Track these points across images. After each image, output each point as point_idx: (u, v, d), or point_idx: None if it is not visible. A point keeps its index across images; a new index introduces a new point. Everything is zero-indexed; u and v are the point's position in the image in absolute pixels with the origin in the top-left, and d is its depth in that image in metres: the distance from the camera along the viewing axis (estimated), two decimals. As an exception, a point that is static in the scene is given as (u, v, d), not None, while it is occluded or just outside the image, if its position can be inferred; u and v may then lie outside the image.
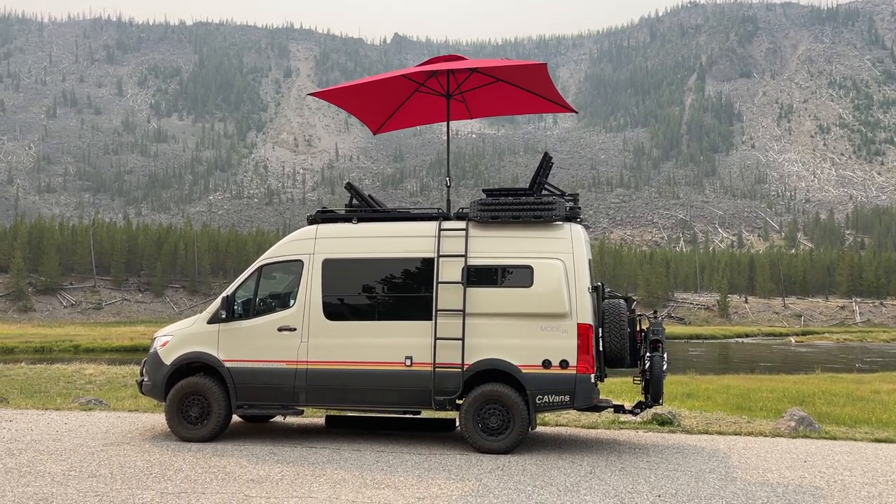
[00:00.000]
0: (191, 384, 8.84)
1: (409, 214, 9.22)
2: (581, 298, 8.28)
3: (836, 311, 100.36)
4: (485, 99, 10.08)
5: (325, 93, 9.72)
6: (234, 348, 8.84)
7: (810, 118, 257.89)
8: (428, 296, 8.51)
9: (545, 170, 8.94)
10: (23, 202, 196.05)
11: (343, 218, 9.16)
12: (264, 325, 8.86)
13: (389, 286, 8.80)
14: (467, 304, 8.34)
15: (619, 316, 8.61)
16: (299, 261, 8.96)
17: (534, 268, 8.34)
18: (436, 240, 8.60)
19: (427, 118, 10.52)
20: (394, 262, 8.74)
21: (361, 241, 8.87)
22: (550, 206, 8.46)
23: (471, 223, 8.65)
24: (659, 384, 8.59)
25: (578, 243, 8.51)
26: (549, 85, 9.09)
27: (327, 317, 8.73)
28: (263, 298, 9.13)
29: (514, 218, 8.49)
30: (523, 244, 8.47)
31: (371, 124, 10.53)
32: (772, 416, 13.23)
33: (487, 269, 8.45)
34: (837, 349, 54.97)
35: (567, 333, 8.20)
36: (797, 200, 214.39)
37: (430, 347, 8.38)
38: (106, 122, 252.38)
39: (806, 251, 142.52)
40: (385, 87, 9.73)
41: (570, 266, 8.35)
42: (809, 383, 21.02)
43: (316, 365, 8.66)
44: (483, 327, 8.32)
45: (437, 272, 8.49)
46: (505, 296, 8.35)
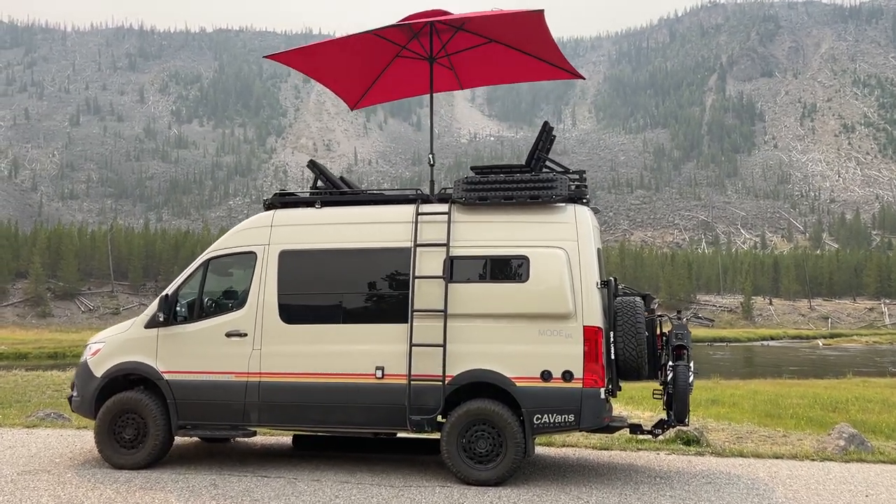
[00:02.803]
0: (124, 400, 7.47)
1: (381, 197, 7.83)
2: (588, 295, 6.86)
3: (865, 313, 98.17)
4: (476, 64, 8.65)
5: (287, 55, 8.26)
6: (174, 357, 7.48)
7: (834, 117, 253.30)
8: (403, 294, 7.15)
9: (545, 142, 7.49)
10: (46, 209, 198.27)
11: (305, 202, 7.77)
12: (210, 329, 7.50)
13: (357, 283, 7.40)
14: (450, 304, 6.96)
15: (635, 317, 7.07)
16: (252, 253, 7.61)
17: (530, 259, 6.96)
18: (413, 226, 7.23)
19: (412, 89, 9.07)
20: (363, 253, 7.37)
21: (325, 228, 7.51)
22: (550, 184, 7.05)
23: (455, 206, 7.27)
24: (684, 400, 7.04)
25: (584, 229, 7.08)
26: (548, 42, 7.64)
27: (284, 320, 7.37)
28: (210, 298, 7.78)
29: (506, 199, 7.10)
30: (518, 230, 7.11)
31: (347, 97, 9.12)
32: (804, 424, 12.39)
33: (474, 261, 7.10)
34: (867, 352, 53.40)
35: (571, 338, 6.79)
36: (821, 200, 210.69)
37: (404, 356, 6.99)
38: (128, 129, 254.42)
39: (832, 252, 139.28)
40: (358, 52, 8.29)
41: (575, 256, 6.94)
42: (841, 388, 20.33)
43: (270, 377, 7.28)
44: (469, 331, 6.95)
45: (415, 265, 7.12)
46: (495, 293, 6.97)
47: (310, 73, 8.54)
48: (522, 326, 6.86)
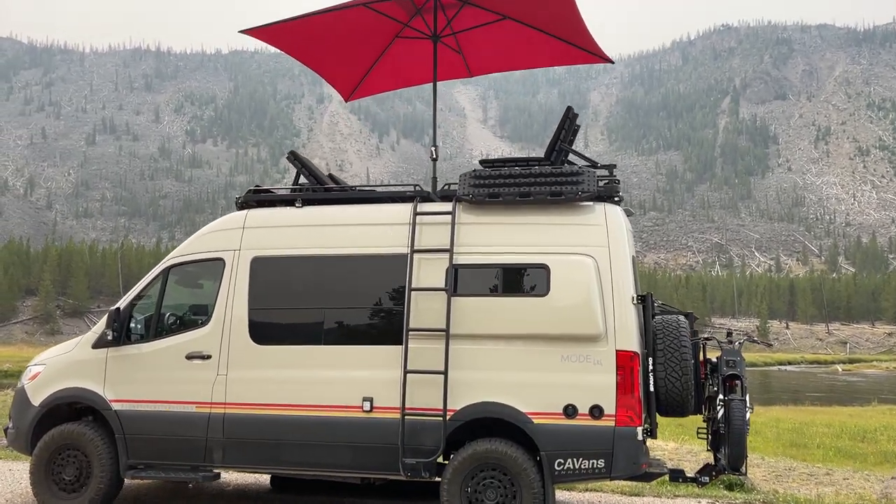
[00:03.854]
0: (64, 434, 6.34)
1: (373, 195, 6.67)
2: (622, 313, 5.67)
3: (884, 338, 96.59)
4: (487, 46, 7.50)
5: (267, 31, 7.07)
6: (125, 383, 6.38)
7: (849, 140, 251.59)
8: (397, 309, 6.02)
9: (567, 131, 6.34)
10: (61, 227, 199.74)
11: (284, 200, 6.66)
12: (168, 350, 6.40)
13: (343, 296, 6.26)
14: (453, 322, 5.80)
15: (679, 339, 5.83)
16: (219, 259, 6.53)
17: (551, 268, 5.78)
18: (410, 229, 6.10)
19: (414, 76, 7.92)
20: (350, 260, 6.23)
21: (306, 231, 6.40)
22: (575, 179, 5.89)
23: (461, 205, 6.13)
24: (741, 443, 5.78)
25: (617, 232, 5.91)
26: (574, 19, 6.48)
27: (255, 339, 6.25)
28: (169, 313, 6.70)
29: (522, 195, 5.92)
30: (536, 234, 5.94)
31: (341, 86, 8.01)
32: (832, 456, 11.50)
33: (483, 270, 5.96)
34: (889, 378, 51.79)
35: (601, 365, 5.60)
36: (837, 224, 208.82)
37: (397, 385, 5.83)
38: (143, 149, 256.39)
39: (849, 275, 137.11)
40: (351, 30, 7.19)
41: (605, 265, 5.76)
42: (867, 417, 19.40)
43: (238, 409, 6.14)
44: (476, 356, 5.79)
45: (411, 275, 5.98)
46: (508, 309, 5.80)
47: (295, 54, 7.41)
48: (541, 350, 5.70)
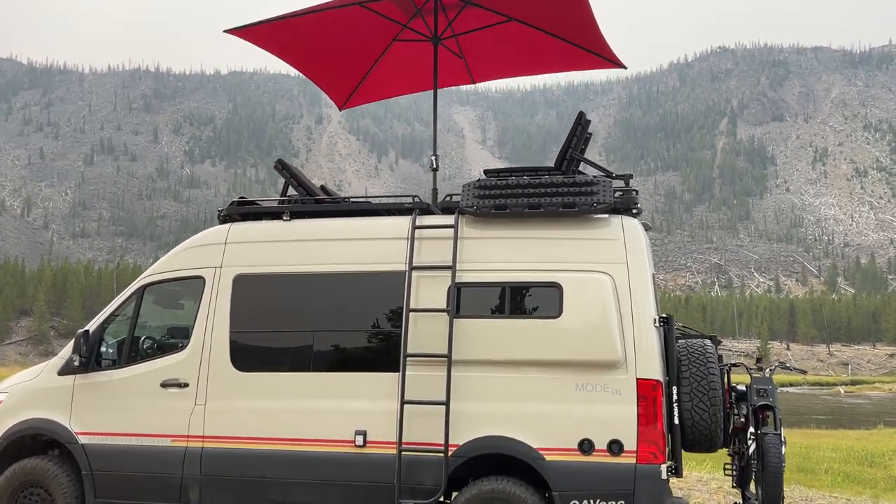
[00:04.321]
0: (26, 470, 5.80)
1: (368, 206, 6.20)
2: (643, 336, 5.15)
3: (885, 360, 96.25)
4: (491, 51, 7.05)
5: (254, 31, 6.53)
6: (93, 414, 5.86)
7: (846, 161, 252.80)
8: (393, 332, 5.51)
9: (579, 138, 5.84)
10: (57, 247, 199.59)
11: (270, 213, 6.17)
12: (141, 377, 5.88)
13: (334, 317, 5.76)
14: (456, 346, 5.29)
15: (707, 366, 5.35)
16: (199, 278, 6.02)
17: (564, 287, 5.28)
18: (408, 244, 5.62)
19: (413, 82, 7.44)
20: (342, 279, 5.73)
21: (294, 247, 5.89)
22: (590, 189, 5.39)
23: (464, 218, 5.65)
24: (777, 484, 5.33)
25: (636, 247, 5.39)
26: (586, 21, 6.02)
27: (237, 365, 5.75)
28: (143, 336, 6.19)
29: (531, 207, 5.42)
30: (547, 249, 5.45)
31: (335, 94, 7.47)
32: (841, 482, 11.61)
33: (489, 290, 5.47)
34: (893, 400, 51.27)
35: (620, 395, 5.09)
36: (835, 244, 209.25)
37: (394, 416, 5.32)
38: (141, 169, 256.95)
39: (849, 296, 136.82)
40: (345, 32, 6.70)
41: (624, 283, 5.25)
42: (873, 440, 18.93)
43: (217, 442, 5.61)
44: (481, 384, 5.28)
45: (409, 294, 5.48)
46: (517, 333, 5.29)
47: (286, 57, 6.91)
48: (553, 378, 5.19)
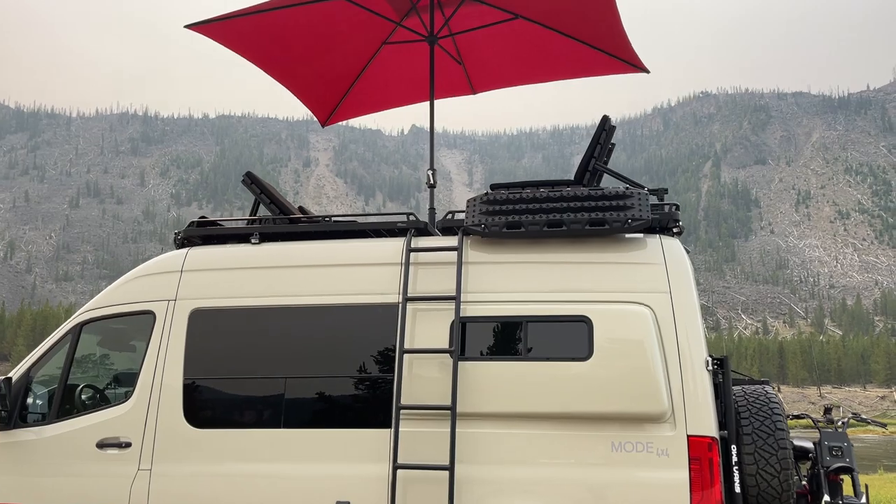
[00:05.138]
0: None
1: (353, 226, 5.19)
2: (693, 383, 4.25)
3: (877, 402, 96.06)
4: (494, 55, 6.24)
5: (219, 28, 5.58)
6: (15, 480, 4.87)
7: (829, 204, 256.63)
8: (383, 379, 4.57)
9: (603, 147, 5.10)
10: (40, 290, 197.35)
11: (236, 235, 5.20)
12: (74, 435, 4.89)
13: (311, 361, 4.77)
14: (462, 396, 4.35)
15: (773, 420, 4.41)
16: (148, 313, 5.00)
17: (594, 321, 4.36)
18: (401, 270, 4.69)
19: (406, 93, 6.56)
20: (321, 313, 4.76)
21: (264, 275, 4.92)
22: (623, 203, 4.50)
23: (469, 239, 4.73)
24: None
25: (680, 273, 4.49)
26: (608, 17, 5.28)
27: (192, 420, 4.74)
28: (78, 385, 5.17)
29: (552, 225, 4.52)
30: (571, 276, 4.54)
31: (316, 106, 6.50)
32: None
33: (500, 326, 4.54)
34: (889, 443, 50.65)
35: (667, 457, 4.16)
36: (821, 286, 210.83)
37: (384, 484, 4.39)
38: (127, 212, 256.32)
39: (837, 338, 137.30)
40: (327, 32, 5.81)
41: (667, 317, 4.36)
42: (876, 486, 18.37)
43: None
44: (493, 444, 4.34)
45: (404, 331, 4.54)
46: (537, 379, 4.34)
47: (259, 62, 5.93)
48: (583, 436, 4.25)
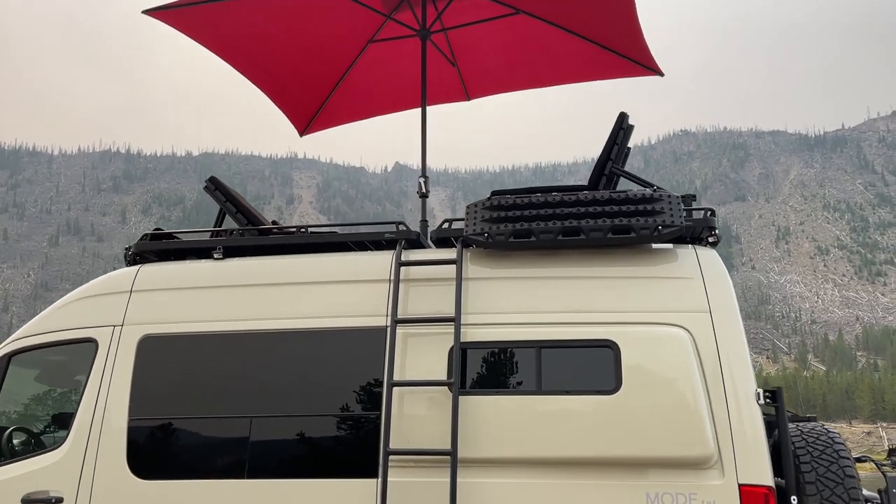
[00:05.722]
0: None
1: (334, 238, 4.58)
2: (743, 421, 3.59)
3: (863, 438, 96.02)
4: (492, 56, 5.72)
5: (182, 14, 4.98)
6: None
7: (808, 240, 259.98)
8: (368, 418, 3.92)
9: (621, 146, 4.57)
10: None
11: (195, 249, 4.56)
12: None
13: (281, 397, 4.10)
14: (464, 437, 3.70)
15: (840, 465, 3.71)
16: (90, 341, 4.34)
17: (620, 347, 3.74)
18: (390, 288, 4.05)
19: (394, 99, 5.92)
20: (294, 339, 4.11)
21: (228, 295, 4.27)
22: (651, 207, 3.91)
23: (469, 251, 4.12)
24: None
25: (722, 289, 3.92)
26: (623, 12, 4.83)
27: (136, 470, 4.06)
28: (7, 427, 4.60)
29: (567, 234, 3.90)
30: (592, 293, 3.93)
31: (294, 114, 5.88)
32: None
33: (509, 353, 3.89)
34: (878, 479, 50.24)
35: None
36: (802, 321, 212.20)
37: None
38: (107, 249, 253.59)
39: (821, 373, 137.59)
40: (306, 27, 5.30)
41: (708, 342, 3.72)
42: None
43: None
44: (501, 496, 3.69)
45: (392, 360, 3.88)
46: (553, 416, 3.71)
47: (229, 58, 5.30)
48: (612, 485, 3.61)
